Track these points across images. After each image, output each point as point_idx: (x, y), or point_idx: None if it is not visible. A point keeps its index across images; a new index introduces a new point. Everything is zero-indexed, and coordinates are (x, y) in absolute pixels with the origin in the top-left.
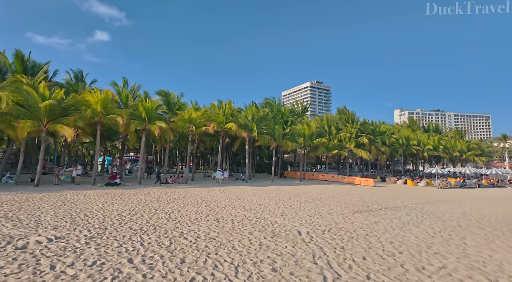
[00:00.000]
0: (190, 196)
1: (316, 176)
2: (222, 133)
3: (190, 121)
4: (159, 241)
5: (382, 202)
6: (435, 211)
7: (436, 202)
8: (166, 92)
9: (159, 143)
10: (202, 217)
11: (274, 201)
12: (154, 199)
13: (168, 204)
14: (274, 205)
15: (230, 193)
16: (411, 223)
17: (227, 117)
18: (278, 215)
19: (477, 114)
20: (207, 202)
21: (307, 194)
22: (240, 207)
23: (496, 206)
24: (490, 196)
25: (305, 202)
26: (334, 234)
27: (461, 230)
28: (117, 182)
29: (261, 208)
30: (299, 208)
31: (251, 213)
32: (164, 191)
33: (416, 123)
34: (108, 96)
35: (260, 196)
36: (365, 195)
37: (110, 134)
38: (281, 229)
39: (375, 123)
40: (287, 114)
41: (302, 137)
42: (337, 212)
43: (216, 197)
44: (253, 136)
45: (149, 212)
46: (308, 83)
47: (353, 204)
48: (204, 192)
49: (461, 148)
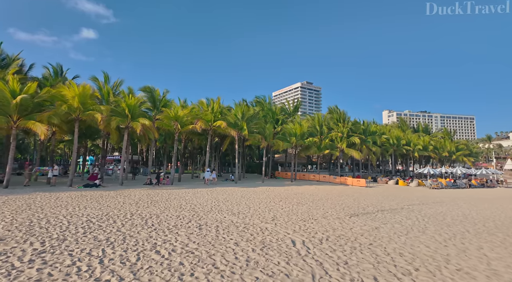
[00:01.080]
0: (174, 198)
1: (307, 176)
2: (211, 132)
3: (176, 119)
4: (124, 257)
5: (377, 203)
6: (434, 213)
7: (432, 203)
8: (151, 89)
9: (143, 141)
10: (183, 224)
11: (264, 203)
12: (134, 201)
13: (147, 208)
14: (265, 208)
15: (218, 194)
16: (415, 228)
17: (215, 115)
18: (269, 219)
19: (462, 116)
20: (192, 205)
21: (299, 195)
22: (227, 211)
23: (493, 207)
24: (483, 197)
25: (297, 204)
26: (333, 244)
27: (472, 237)
28: (97, 183)
29: (250, 211)
30: (291, 211)
31: (239, 217)
32: (147, 192)
33: (406, 124)
34: (87, 91)
35: (250, 197)
36: (359, 196)
37: (91, 132)
38: (273, 238)
39: (366, 123)
40: (278, 113)
41: (294, 136)
42: (333, 215)
43: (202, 199)
44: (243, 135)
45: (124, 217)
46: (299, 83)
47: (348, 206)
48: (190, 193)
49: (450, 148)
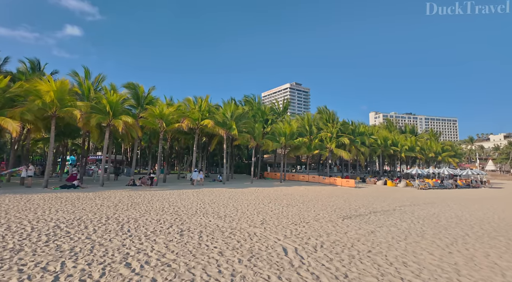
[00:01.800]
0: (157, 200)
1: (297, 177)
2: (198, 131)
3: (161, 117)
4: (86, 272)
5: (369, 205)
6: (427, 215)
7: (423, 204)
8: (134, 85)
9: (126, 140)
10: (163, 229)
11: (253, 205)
12: (113, 204)
13: (126, 211)
14: (253, 210)
15: (204, 196)
16: (412, 232)
17: (203, 114)
18: (257, 223)
19: (445, 118)
20: (175, 208)
21: (288, 196)
22: (213, 214)
23: (484, 208)
24: (471, 197)
25: (287, 205)
26: (329, 252)
27: (474, 241)
28: (75, 184)
29: (238, 214)
30: (281, 214)
31: (225, 221)
32: (128, 194)
33: (393, 125)
34: (65, 86)
35: (238, 199)
36: (349, 197)
37: (70, 130)
38: (262, 245)
39: (355, 123)
40: (267, 112)
41: (283, 136)
42: (325, 217)
43: (187, 201)
44: (232, 134)
45: (98, 221)
46: (288, 84)
47: (339, 208)
48: (175, 195)
49: (436, 149)
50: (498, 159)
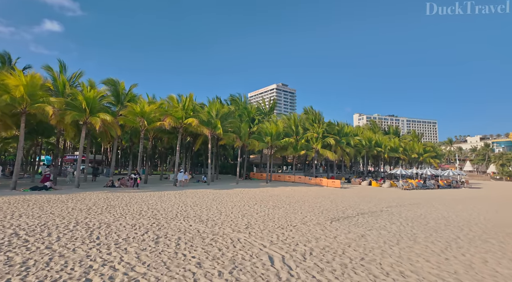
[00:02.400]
0: (136, 202)
1: (283, 177)
2: (181, 130)
3: (142, 115)
4: None
5: (355, 206)
6: (414, 216)
7: (409, 205)
8: (114, 81)
9: (104, 139)
10: (137, 235)
11: (238, 207)
12: (86, 207)
13: (100, 215)
14: (238, 213)
15: (187, 198)
16: (404, 235)
17: (187, 112)
18: (242, 227)
19: (425, 120)
20: (154, 211)
21: (274, 198)
22: (194, 217)
23: (468, 209)
24: (453, 198)
25: (273, 207)
26: (319, 260)
27: (467, 245)
28: (47, 185)
29: (221, 217)
30: (267, 216)
31: (207, 226)
32: (105, 196)
33: (377, 126)
34: (36, 81)
35: (222, 201)
36: (335, 197)
37: (43, 128)
38: (246, 254)
39: (341, 124)
40: (253, 112)
41: (270, 136)
42: (312, 220)
43: (167, 204)
44: (217, 134)
45: (65, 227)
46: (274, 85)
47: (326, 209)
48: (155, 197)
49: (418, 150)
50: (475, 160)
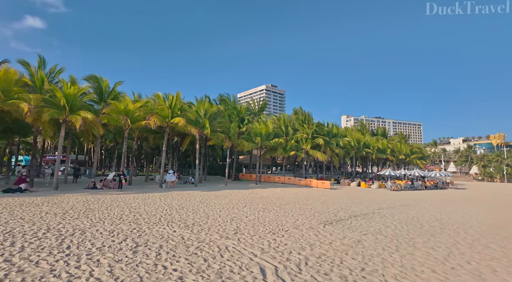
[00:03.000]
0: (118, 205)
1: (272, 178)
2: (168, 130)
3: (126, 114)
4: None
5: (347, 207)
6: (407, 218)
7: (400, 206)
8: (97, 78)
9: (86, 139)
10: (113, 244)
11: (226, 210)
12: (62, 211)
13: (75, 220)
14: (226, 217)
15: (173, 200)
16: (401, 240)
17: (174, 111)
18: (230, 233)
19: (411, 122)
20: (136, 215)
21: (264, 199)
22: (179, 222)
23: (458, 210)
24: (442, 198)
25: (263, 210)
26: (316, 271)
27: (469, 250)
28: (22, 187)
29: (209, 222)
30: (257, 220)
31: (192, 231)
32: (85, 198)
33: (365, 127)
34: (10, 76)
35: (210, 203)
36: (326, 199)
37: (20, 127)
38: (234, 265)
39: (330, 124)
40: (243, 112)
41: (259, 136)
42: (304, 224)
43: (152, 207)
44: (205, 134)
45: (34, 235)
46: (264, 86)
47: (318, 212)
48: (139, 199)
49: (406, 151)
50: (459, 161)
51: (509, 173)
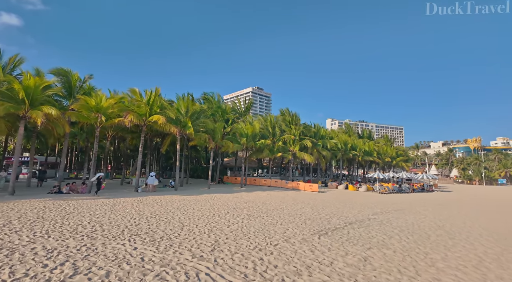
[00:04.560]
0: (78, 213)
1: (258, 181)
2: (145, 129)
3: (97, 110)
4: None
5: (339, 213)
6: (407, 225)
7: (394, 211)
8: (66, 72)
9: (50, 137)
10: (44, 270)
11: (205, 217)
12: (5, 221)
13: (14, 233)
14: (204, 226)
15: (146, 206)
16: (415, 256)
17: (152, 109)
18: (206, 250)
19: (393, 126)
20: (96, 226)
21: (250, 204)
22: (146, 235)
23: (455, 214)
24: (433, 202)
25: (248, 217)
26: None
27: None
28: None
29: (182, 234)
30: (241, 230)
31: (158, 248)
32: (43, 205)
33: (351, 129)
34: None
35: (188, 210)
36: (315, 203)
37: None
38: None
39: (318, 126)
40: (228, 112)
41: (245, 137)
42: (296, 234)
43: (119, 215)
44: (187, 134)
45: None
46: (250, 88)
47: (309, 218)
48: (108, 205)
49: (392, 154)
50: (439, 164)
51: (487, 175)
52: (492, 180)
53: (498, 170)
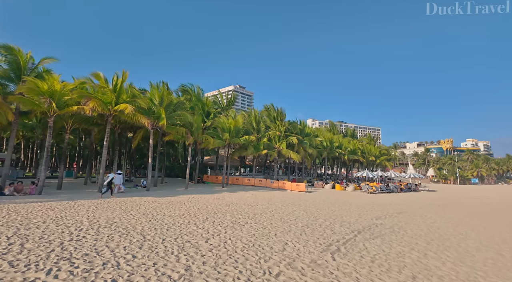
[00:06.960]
0: (8, 221)
1: (241, 181)
2: (111, 120)
3: (50, 96)
4: None
5: (338, 217)
6: (429, 234)
7: (396, 214)
8: (12, 49)
9: None
10: None
11: (177, 226)
12: None
13: None
14: (173, 242)
15: (105, 211)
16: None
17: (120, 97)
18: (174, 278)
19: (371, 127)
20: (15, 244)
21: (233, 207)
22: (83, 258)
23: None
24: (426, 202)
25: (232, 225)
26: None
27: None
28: None
29: (138, 256)
30: (223, 247)
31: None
32: None
33: (336, 128)
34: None
35: (157, 215)
36: (307, 205)
37: None
38: None
39: (303, 123)
40: (209, 105)
41: (227, 132)
42: (300, 252)
43: (62, 225)
44: (161, 126)
45: None
46: (232, 86)
47: (307, 226)
48: (55, 211)
49: (375, 152)
50: (417, 164)
51: (461, 175)
52: (466, 180)
53: (471, 169)
